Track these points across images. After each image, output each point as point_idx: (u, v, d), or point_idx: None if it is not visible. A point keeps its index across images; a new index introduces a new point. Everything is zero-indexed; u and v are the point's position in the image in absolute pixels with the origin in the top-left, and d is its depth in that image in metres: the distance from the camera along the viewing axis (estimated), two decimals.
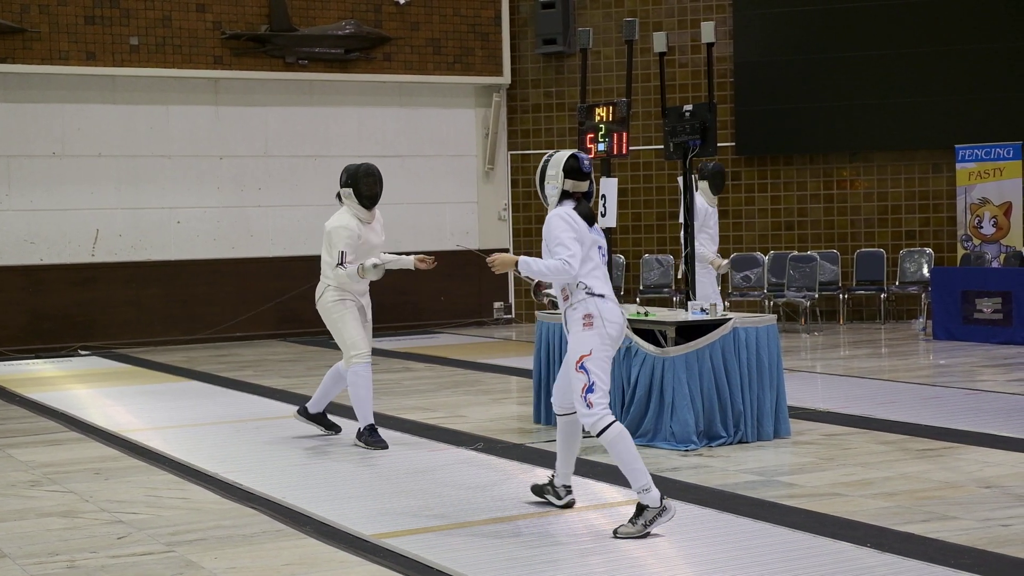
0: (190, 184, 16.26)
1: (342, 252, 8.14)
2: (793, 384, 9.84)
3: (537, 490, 6.61)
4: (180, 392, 11.68)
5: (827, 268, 16.62)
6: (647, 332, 8.46)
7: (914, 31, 16.51)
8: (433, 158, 17.57)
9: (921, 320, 15.85)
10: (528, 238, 17.94)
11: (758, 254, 16.81)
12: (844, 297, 16.72)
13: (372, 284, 8.44)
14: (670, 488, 6.79)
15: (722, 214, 12.64)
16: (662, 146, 9.75)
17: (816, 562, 5.40)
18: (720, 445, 8.16)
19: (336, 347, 8.65)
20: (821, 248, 16.93)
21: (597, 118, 9.15)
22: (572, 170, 6.10)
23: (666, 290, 16.79)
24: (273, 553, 5.81)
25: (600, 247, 6.11)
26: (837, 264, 16.70)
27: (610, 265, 7.53)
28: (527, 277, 6.10)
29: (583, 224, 6.01)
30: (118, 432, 9.33)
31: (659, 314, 8.67)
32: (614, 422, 5.90)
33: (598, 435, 5.90)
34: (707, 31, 9.42)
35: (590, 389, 5.89)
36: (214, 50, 16.16)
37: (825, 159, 17.22)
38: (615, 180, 8.96)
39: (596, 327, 5.93)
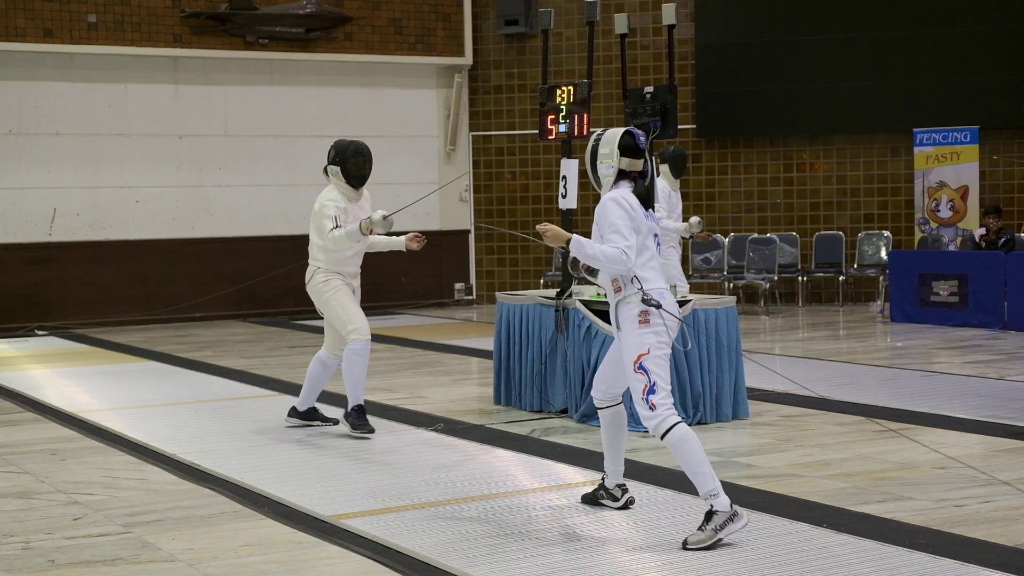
0: (149, 163, 16.13)
1: (335, 217, 7.80)
2: (752, 366, 9.88)
3: (589, 499, 6.13)
4: (138, 372, 11.61)
5: (786, 250, 16.71)
6: (606, 313, 8.46)
7: (874, 15, 16.60)
8: (394, 139, 17.50)
9: (879, 302, 15.98)
10: (489, 219, 17.92)
11: (718, 236, 16.87)
12: (803, 279, 16.82)
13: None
14: (630, 469, 6.81)
15: (683, 196, 12.66)
16: (623, 128, 9.75)
17: (773, 542, 5.44)
18: None
19: (313, 330, 8.57)
20: (780, 231, 17.02)
21: (558, 99, 9.13)
22: (628, 147, 5.71)
23: None
24: (231, 534, 5.79)
25: (656, 235, 5.69)
26: (796, 246, 16.79)
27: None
28: (573, 257, 5.67)
29: (640, 210, 5.61)
30: (75, 413, 9.26)
31: None
32: (678, 423, 5.46)
33: (662, 437, 5.48)
34: (668, 13, 9.41)
35: (651, 390, 5.47)
36: (173, 28, 16.02)
37: (785, 142, 17.30)
38: (576, 161, 8.94)
39: (653, 323, 5.52)
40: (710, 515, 5.40)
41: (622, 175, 5.70)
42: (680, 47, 16.54)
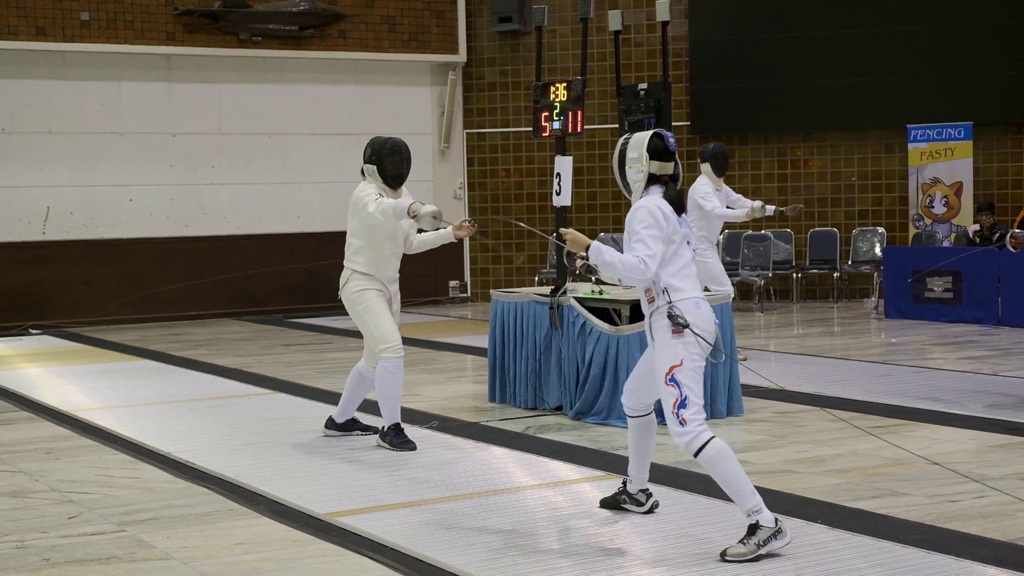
0: (143, 161, 16.11)
1: (378, 195, 7.30)
2: (746, 362, 9.90)
3: (610, 503, 5.98)
4: (133, 371, 11.60)
5: (781, 247, 16.72)
6: (601, 311, 8.48)
7: (868, 11, 16.61)
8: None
9: (873, 299, 15.99)
10: (483, 216, 17.90)
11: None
12: (797, 276, 16.83)
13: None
14: (626, 466, 6.82)
15: None
16: (617, 125, 9.76)
17: None
18: None
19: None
20: (775, 227, 17.03)
21: (552, 96, 9.13)
22: (657, 151, 5.47)
23: None
24: (226, 532, 5.79)
25: (690, 242, 5.50)
26: (791, 243, 16.81)
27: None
28: (567, 251, 5.49)
29: (674, 218, 5.40)
30: (70, 412, 9.25)
31: (613, 292, 8.69)
32: (712, 439, 5.27)
33: (695, 455, 5.29)
34: (662, 10, 9.41)
35: (682, 404, 5.27)
36: (167, 26, 16.00)
37: (779, 139, 17.31)
38: (570, 159, 8.94)
39: (686, 334, 5.32)
40: (754, 529, 5.24)
41: (652, 179, 5.50)
42: (674, 44, 16.54)
